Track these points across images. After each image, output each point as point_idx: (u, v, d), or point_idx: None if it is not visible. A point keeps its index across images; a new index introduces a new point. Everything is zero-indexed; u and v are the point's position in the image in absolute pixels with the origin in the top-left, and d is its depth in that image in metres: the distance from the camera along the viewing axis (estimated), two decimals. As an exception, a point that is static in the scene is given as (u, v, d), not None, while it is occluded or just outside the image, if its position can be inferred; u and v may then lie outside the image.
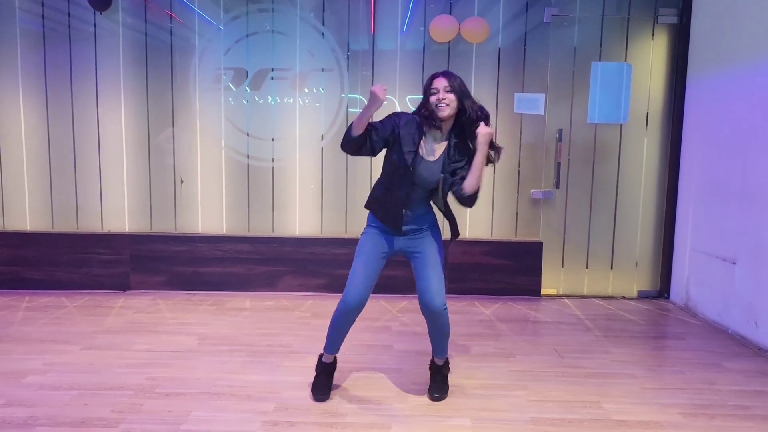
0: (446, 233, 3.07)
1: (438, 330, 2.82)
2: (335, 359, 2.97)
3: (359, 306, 2.75)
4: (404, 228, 2.76)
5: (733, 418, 2.71)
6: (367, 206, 2.87)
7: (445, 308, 2.75)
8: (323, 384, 2.90)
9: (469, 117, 2.66)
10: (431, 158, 2.70)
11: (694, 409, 2.80)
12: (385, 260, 2.82)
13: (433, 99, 2.64)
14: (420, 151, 2.69)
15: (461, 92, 2.66)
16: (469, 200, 2.72)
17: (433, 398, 2.87)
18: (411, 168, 2.66)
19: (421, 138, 2.69)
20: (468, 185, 2.67)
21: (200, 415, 2.65)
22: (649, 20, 4.71)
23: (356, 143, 2.65)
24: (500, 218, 4.90)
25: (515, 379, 3.12)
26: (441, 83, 2.65)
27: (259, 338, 3.71)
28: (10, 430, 2.48)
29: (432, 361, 2.98)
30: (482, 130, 2.63)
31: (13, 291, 4.73)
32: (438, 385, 2.92)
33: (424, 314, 2.79)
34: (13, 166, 4.88)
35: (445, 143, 2.72)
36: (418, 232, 2.79)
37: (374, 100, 2.53)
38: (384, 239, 2.79)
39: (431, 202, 2.85)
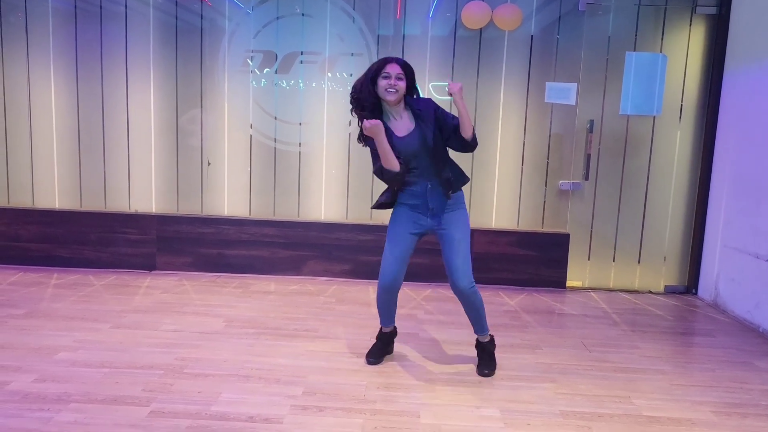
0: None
1: (470, 307, 2.98)
2: (394, 329, 3.20)
3: (394, 282, 2.95)
4: (429, 204, 2.89)
5: (767, 418, 2.67)
6: (395, 191, 2.98)
7: (473, 286, 2.91)
8: (378, 349, 3.14)
9: (416, 98, 2.89)
10: (402, 134, 2.84)
11: (725, 407, 2.76)
12: (416, 237, 2.97)
13: (383, 83, 2.78)
14: (393, 134, 2.83)
15: (410, 81, 2.84)
16: (472, 143, 2.86)
17: (483, 374, 3.01)
18: (399, 154, 2.80)
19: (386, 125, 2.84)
20: (465, 132, 2.81)
21: (230, 396, 2.67)
22: (687, 10, 4.60)
23: (402, 175, 2.82)
24: (527, 209, 4.85)
25: (542, 372, 3.10)
26: (394, 70, 2.78)
27: (285, 322, 3.72)
28: (46, 405, 2.51)
29: (477, 340, 3.11)
30: (453, 88, 2.78)
31: (42, 267, 4.80)
32: (485, 362, 3.06)
33: (456, 295, 2.95)
34: (43, 145, 4.92)
35: (407, 114, 2.87)
36: (446, 209, 2.90)
37: (375, 133, 2.70)
38: (415, 217, 2.93)
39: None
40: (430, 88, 4.76)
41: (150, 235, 4.85)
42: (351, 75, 4.77)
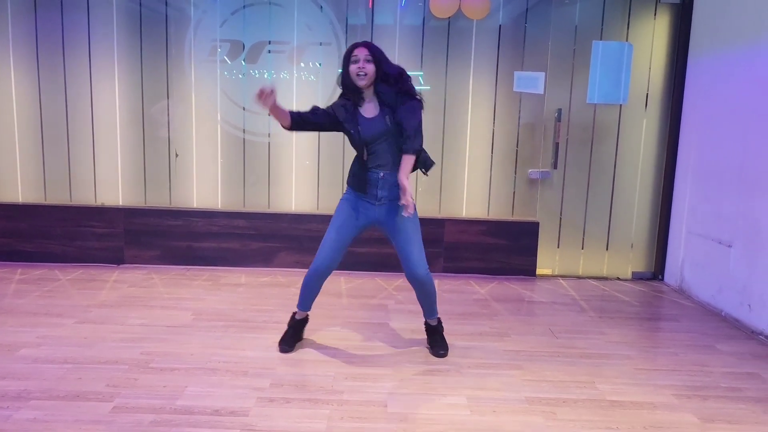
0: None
1: (425, 294, 3.07)
2: (307, 317, 3.24)
3: (327, 269, 3.01)
4: (379, 194, 2.94)
5: (726, 400, 2.73)
6: (348, 182, 3.09)
7: (428, 272, 2.99)
8: (290, 337, 3.16)
9: (388, 76, 2.88)
10: (370, 115, 2.91)
11: (687, 390, 2.82)
12: (358, 229, 3.03)
13: (353, 68, 2.84)
14: (360, 114, 2.91)
15: (379, 60, 2.85)
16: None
17: (439, 355, 3.10)
18: (358, 134, 2.88)
19: (355, 106, 2.91)
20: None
21: (195, 390, 2.64)
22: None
23: (290, 129, 2.98)
24: (497, 198, 4.88)
25: (510, 359, 3.13)
26: (362, 53, 2.84)
27: (255, 314, 3.70)
28: (4, 403, 2.46)
29: (426, 323, 3.21)
30: (406, 202, 2.75)
31: (5, 263, 4.69)
32: (439, 343, 3.15)
33: (410, 282, 3.03)
34: (4, 137, 4.80)
35: (376, 99, 2.92)
36: (393, 201, 2.93)
37: (266, 102, 2.80)
38: (360, 208, 2.99)
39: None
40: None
41: (117, 229, 4.77)
42: (320, 65, 4.73)
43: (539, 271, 4.87)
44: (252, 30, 4.71)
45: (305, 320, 3.24)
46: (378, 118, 2.90)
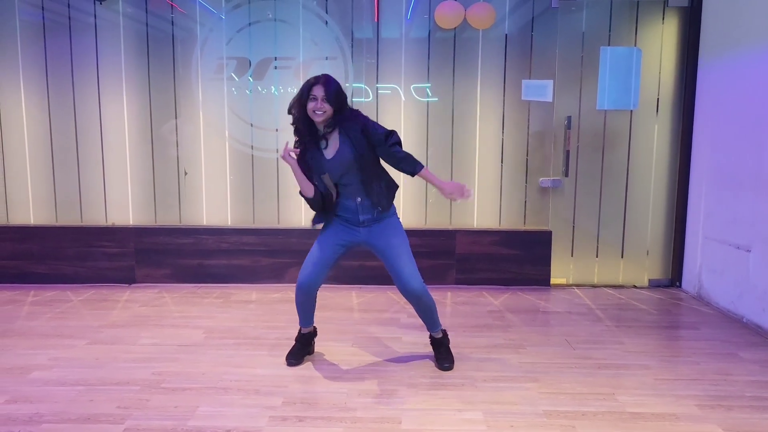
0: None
1: (423, 308, 3.01)
2: (314, 329, 3.23)
3: (310, 286, 3.00)
4: (361, 218, 2.93)
5: (751, 410, 2.65)
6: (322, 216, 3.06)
7: (423, 285, 2.93)
8: (297, 351, 3.15)
9: (344, 115, 2.85)
10: (332, 155, 2.87)
11: (710, 400, 2.74)
12: (344, 249, 3.01)
13: (311, 106, 2.80)
14: (324, 159, 2.88)
15: (337, 102, 2.80)
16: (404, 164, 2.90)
17: (444, 368, 3.04)
18: (325, 181, 2.91)
19: (316, 143, 2.88)
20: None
21: (207, 410, 2.61)
22: (659, 4, 4.60)
23: (320, 200, 2.93)
24: (509, 208, 4.83)
25: (526, 371, 3.06)
26: (319, 92, 2.79)
27: (266, 331, 3.66)
28: (16, 427, 2.44)
29: (430, 337, 3.16)
30: (467, 193, 2.84)
31: (18, 285, 4.70)
32: (444, 356, 3.10)
33: (406, 298, 2.98)
34: (15, 160, 4.84)
35: (335, 133, 2.86)
36: (377, 221, 2.94)
37: (290, 164, 2.87)
38: (346, 229, 2.98)
39: (379, 184, 2.93)
40: (411, 90, 4.73)
41: (128, 248, 4.77)
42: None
43: (553, 280, 4.81)
44: (258, 47, 4.72)
45: (313, 333, 3.23)
46: (339, 153, 2.85)
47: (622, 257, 4.84)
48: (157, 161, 4.84)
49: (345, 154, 2.84)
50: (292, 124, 2.94)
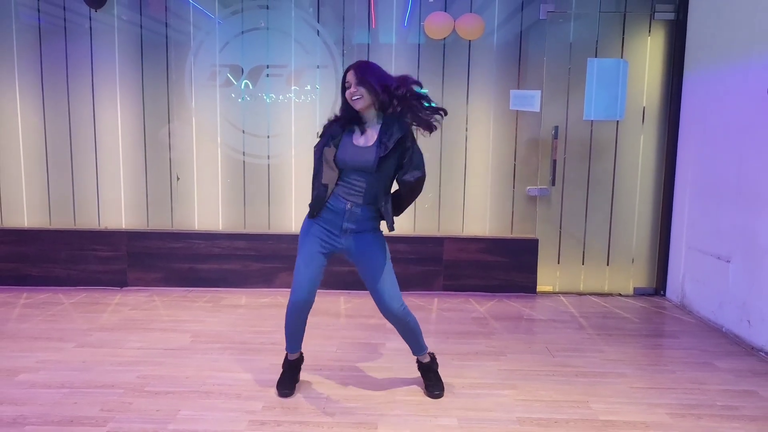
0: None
1: (405, 329, 2.89)
2: (301, 355, 3.02)
3: (307, 304, 2.78)
4: (344, 225, 2.73)
5: (720, 419, 2.71)
6: (309, 204, 2.83)
7: (404, 307, 2.82)
8: (287, 380, 2.94)
9: (390, 100, 2.68)
10: (361, 144, 2.71)
11: (681, 409, 2.80)
12: (326, 257, 2.80)
13: (348, 93, 2.71)
14: (353, 140, 2.72)
15: (370, 83, 2.66)
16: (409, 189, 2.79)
17: (434, 396, 2.88)
18: (334, 158, 2.71)
19: (344, 131, 2.74)
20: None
21: (188, 414, 2.67)
22: (646, 16, 4.67)
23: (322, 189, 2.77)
24: (496, 215, 4.89)
25: (504, 378, 3.12)
26: (352, 77, 2.69)
27: (253, 336, 3.72)
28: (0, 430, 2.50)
29: (417, 361, 3.00)
30: None
31: (11, 287, 4.77)
32: (433, 383, 2.94)
33: (387, 320, 2.85)
34: (11, 164, 4.90)
35: (377, 127, 2.72)
36: (360, 232, 2.76)
37: None
38: (324, 235, 2.77)
39: (376, 205, 2.77)
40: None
41: (120, 252, 4.83)
42: (317, 87, 4.80)
43: (540, 288, 4.86)
44: (251, 54, 4.79)
45: (300, 360, 3.01)
46: (370, 149, 2.68)
47: (607, 265, 4.90)
48: (150, 166, 4.91)
49: (374, 149, 2.66)
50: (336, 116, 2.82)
